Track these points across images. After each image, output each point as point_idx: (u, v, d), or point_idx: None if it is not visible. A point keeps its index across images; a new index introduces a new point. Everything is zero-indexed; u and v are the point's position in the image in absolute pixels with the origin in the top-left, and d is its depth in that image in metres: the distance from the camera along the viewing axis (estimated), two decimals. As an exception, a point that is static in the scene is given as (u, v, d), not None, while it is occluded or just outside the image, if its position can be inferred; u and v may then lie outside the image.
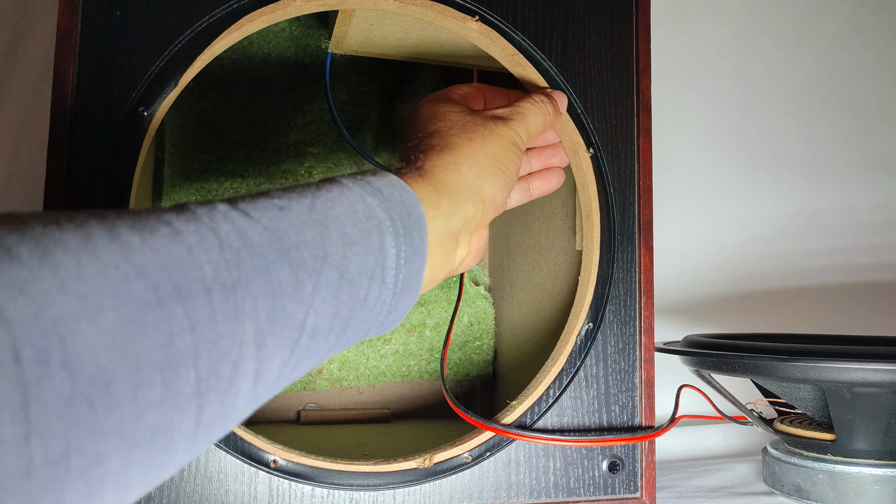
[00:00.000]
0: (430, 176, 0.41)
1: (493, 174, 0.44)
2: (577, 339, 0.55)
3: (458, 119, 0.46)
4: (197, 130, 0.73)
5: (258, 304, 0.29)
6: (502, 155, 0.45)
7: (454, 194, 0.41)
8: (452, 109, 0.47)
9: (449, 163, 0.43)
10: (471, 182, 0.43)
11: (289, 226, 0.31)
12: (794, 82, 1.03)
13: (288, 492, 0.48)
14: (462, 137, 0.45)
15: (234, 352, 0.27)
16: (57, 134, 0.47)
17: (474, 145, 0.44)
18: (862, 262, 1.02)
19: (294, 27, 0.75)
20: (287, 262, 0.30)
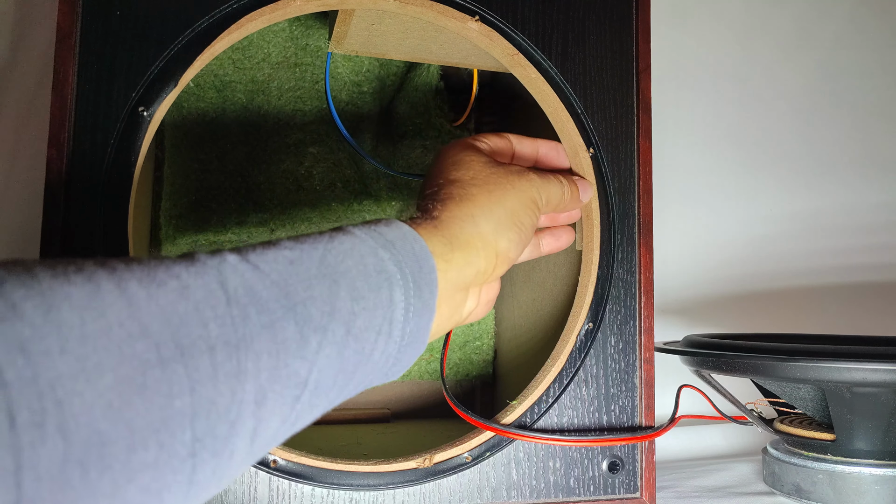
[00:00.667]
0: (445, 227, 0.41)
1: (509, 229, 0.44)
2: (577, 339, 0.55)
3: (482, 170, 0.46)
4: (197, 130, 0.73)
5: (261, 362, 0.28)
6: (521, 210, 0.45)
7: (468, 247, 0.41)
8: (478, 159, 0.47)
9: (466, 215, 0.42)
10: (486, 235, 0.42)
11: (298, 280, 0.31)
12: (794, 82, 1.03)
13: (288, 492, 0.48)
14: (483, 189, 0.44)
15: (232, 411, 0.27)
16: (57, 134, 0.47)
17: (493, 198, 0.44)
18: (862, 262, 1.02)
19: (294, 27, 0.75)
20: (293, 319, 0.30)
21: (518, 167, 0.48)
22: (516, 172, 0.47)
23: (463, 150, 0.48)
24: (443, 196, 0.44)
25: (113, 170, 0.47)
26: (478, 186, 0.44)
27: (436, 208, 0.42)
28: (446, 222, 0.41)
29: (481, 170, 0.46)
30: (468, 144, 0.49)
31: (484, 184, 0.45)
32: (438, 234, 0.40)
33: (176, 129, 0.73)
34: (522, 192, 0.46)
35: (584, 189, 0.53)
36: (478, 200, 0.43)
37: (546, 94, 0.56)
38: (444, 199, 0.43)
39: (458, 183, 0.45)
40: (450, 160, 0.47)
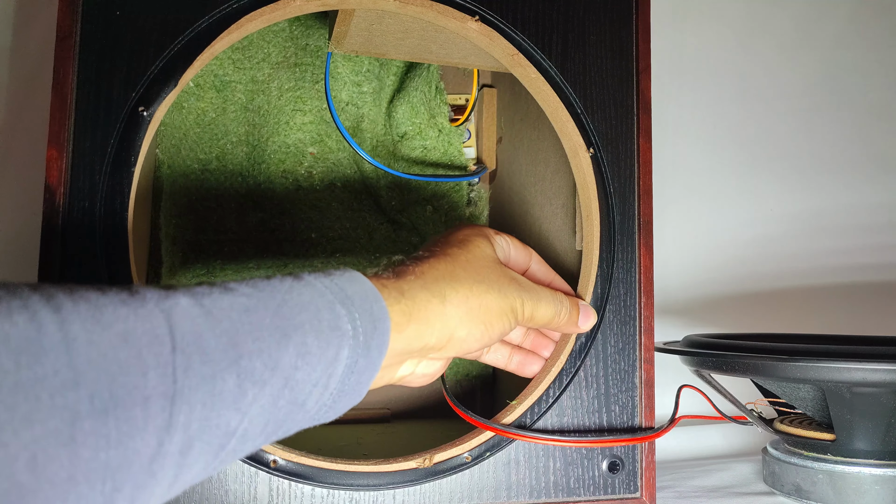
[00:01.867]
0: (410, 298, 0.40)
1: (474, 323, 0.43)
2: (577, 339, 0.55)
3: (481, 261, 0.45)
4: (197, 130, 0.73)
5: (194, 413, 0.28)
6: (495, 312, 0.44)
7: (425, 323, 0.40)
8: (484, 251, 0.46)
9: (437, 292, 0.41)
10: (448, 319, 0.41)
11: (249, 330, 0.30)
12: (794, 82, 1.03)
13: (288, 492, 0.48)
14: (470, 276, 0.43)
15: (156, 462, 0.27)
16: (57, 134, 0.47)
17: (475, 290, 0.43)
18: (862, 262, 1.02)
19: (294, 27, 0.75)
20: (236, 372, 0.29)
21: (515, 275, 0.47)
22: (509, 276, 0.46)
23: (477, 236, 0.47)
24: (427, 265, 0.42)
25: (113, 170, 0.47)
26: (467, 271, 0.43)
27: (413, 272, 0.41)
28: (413, 292, 0.40)
29: (480, 260, 0.45)
30: (486, 235, 0.48)
31: (476, 272, 0.44)
32: (400, 303, 0.39)
33: (176, 129, 0.73)
34: (505, 298, 0.44)
35: (585, 315, 0.52)
36: (459, 285, 0.42)
37: (546, 94, 0.56)
38: (426, 269, 0.42)
39: (452, 259, 0.44)
40: (459, 236, 0.47)
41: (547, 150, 0.69)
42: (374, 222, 0.77)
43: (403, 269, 0.42)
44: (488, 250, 0.47)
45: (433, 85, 0.77)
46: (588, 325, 0.52)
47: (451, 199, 0.78)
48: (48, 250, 0.46)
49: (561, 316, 0.49)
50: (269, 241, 0.74)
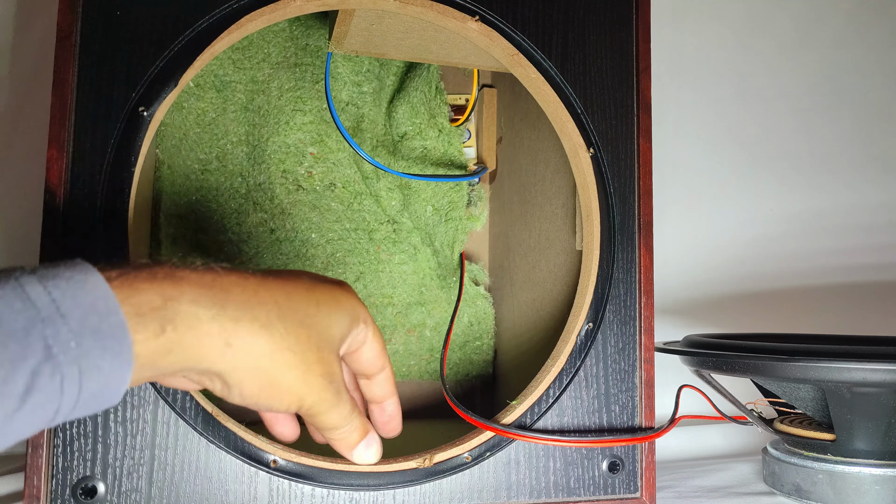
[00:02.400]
0: (184, 325, 0.33)
1: (250, 382, 0.36)
2: (577, 339, 0.55)
3: (317, 334, 0.38)
4: (197, 130, 0.73)
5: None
6: (281, 391, 0.37)
7: (190, 359, 0.34)
8: (333, 328, 0.39)
9: (227, 329, 0.34)
10: (224, 362, 0.35)
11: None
12: (794, 82, 1.03)
13: (288, 492, 0.48)
14: (288, 340, 0.37)
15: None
16: (57, 134, 0.47)
17: (277, 357, 0.36)
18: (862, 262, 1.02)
19: (294, 27, 0.75)
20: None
21: (334, 367, 0.40)
22: (326, 368, 0.39)
23: (343, 309, 0.40)
24: (248, 288, 0.36)
25: (113, 170, 0.47)
26: (289, 331, 0.37)
27: (217, 285, 0.35)
28: (192, 317, 0.33)
29: (317, 333, 0.38)
30: (353, 316, 0.41)
31: (296, 339, 0.37)
32: (159, 337, 0.32)
33: (176, 129, 0.73)
34: (303, 385, 0.38)
35: (365, 445, 0.44)
36: (264, 335, 0.36)
37: (546, 94, 0.56)
38: (240, 290, 0.36)
39: (284, 301, 0.37)
40: (327, 293, 0.40)
41: (547, 150, 0.69)
42: (374, 222, 0.77)
43: (210, 281, 0.35)
44: (338, 329, 0.40)
45: (433, 85, 0.77)
46: (357, 457, 0.44)
47: (451, 199, 0.78)
48: (48, 250, 0.46)
49: (340, 432, 0.42)
50: (269, 241, 0.74)
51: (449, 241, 0.78)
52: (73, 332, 0.30)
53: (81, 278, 0.31)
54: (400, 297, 0.78)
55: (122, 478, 0.46)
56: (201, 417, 0.47)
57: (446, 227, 0.78)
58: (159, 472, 0.46)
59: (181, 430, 0.47)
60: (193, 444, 0.47)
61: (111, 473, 0.46)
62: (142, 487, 0.46)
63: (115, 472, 0.46)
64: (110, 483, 0.46)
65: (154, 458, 0.46)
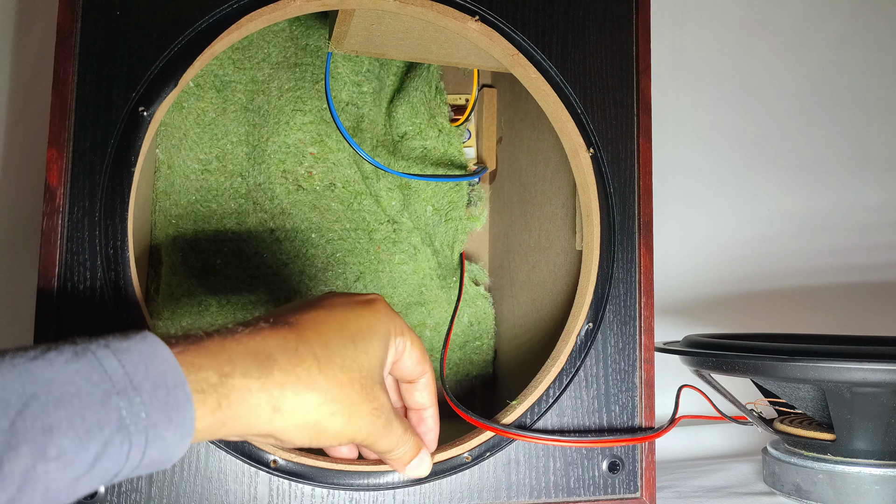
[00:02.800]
0: (237, 401, 0.35)
1: (300, 433, 0.38)
2: (577, 339, 0.55)
3: (356, 373, 0.40)
4: (197, 130, 0.73)
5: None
6: (330, 434, 0.39)
7: (244, 427, 0.36)
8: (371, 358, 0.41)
9: (275, 397, 0.36)
10: (273, 425, 0.36)
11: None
12: (794, 82, 1.03)
13: (288, 492, 0.48)
14: (330, 390, 0.38)
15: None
16: (57, 134, 0.47)
17: (323, 409, 0.38)
18: (862, 262, 1.02)
19: (294, 27, 0.75)
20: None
21: (381, 397, 0.41)
22: (372, 403, 0.40)
23: (376, 334, 0.42)
24: (286, 358, 0.37)
25: (113, 170, 0.47)
26: (329, 382, 0.38)
27: (260, 364, 0.36)
28: (242, 392, 0.35)
29: (356, 370, 0.40)
30: (387, 333, 0.43)
31: (338, 386, 0.38)
32: (215, 413, 0.34)
33: (176, 129, 0.73)
34: (351, 426, 0.39)
35: (418, 462, 0.45)
36: (308, 393, 0.37)
37: (546, 94, 0.56)
38: (280, 363, 0.37)
39: (319, 359, 0.38)
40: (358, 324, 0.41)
41: (547, 150, 0.69)
42: (374, 222, 0.77)
43: (255, 347, 0.37)
44: (377, 359, 0.41)
45: (433, 85, 0.77)
46: (410, 473, 0.46)
47: (451, 199, 0.78)
48: (48, 250, 0.46)
49: (395, 453, 0.44)
50: (269, 241, 0.74)
51: (449, 241, 0.78)
52: (144, 404, 0.31)
53: (152, 352, 0.33)
54: (400, 297, 0.78)
55: (122, 478, 0.46)
56: (201, 417, 0.47)
57: (446, 227, 0.78)
58: (159, 472, 0.46)
59: (181, 430, 0.47)
60: (193, 444, 0.47)
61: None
62: (142, 487, 0.46)
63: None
64: (110, 483, 0.46)
65: (154, 458, 0.46)
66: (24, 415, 0.29)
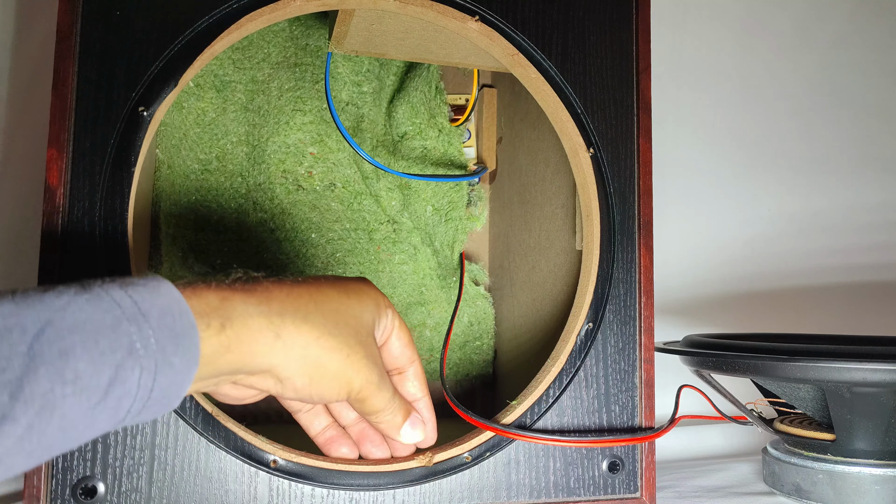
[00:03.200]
0: (240, 325, 0.36)
1: (300, 373, 0.39)
2: (577, 339, 0.55)
3: (351, 319, 0.41)
4: (197, 130, 0.73)
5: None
6: (330, 375, 0.40)
7: (246, 355, 0.37)
8: (363, 314, 0.42)
9: (275, 324, 0.38)
10: (274, 355, 0.38)
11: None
12: (794, 82, 1.03)
13: (288, 492, 0.48)
14: (327, 325, 0.40)
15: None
16: (57, 134, 0.47)
17: (321, 341, 0.39)
18: (862, 262, 1.02)
19: (294, 27, 0.75)
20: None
21: (374, 350, 0.43)
22: (366, 349, 0.42)
23: (369, 298, 0.44)
24: (283, 291, 0.39)
25: (113, 170, 0.47)
26: (325, 317, 0.40)
27: (259, 293, 0.38)
28: (245, 318, 0.37)
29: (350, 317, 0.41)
30: (379, 304, 0.44)
31: (334, 323, 0.40)
32: (220, 334, 0.36)
33: (176, 129, 0.73)
34: (349, 366, 0.41)
35: (411, 424, 0.47)
36: (305, 325, 0.39)
37: (546, 94, 0.56)
38: (279, 294, 0.39)
39: (317, 296, 0.40)
40: (352, 285, 0.43)
41: (547, 150, 0.69)
42: (374, 222, 0.77)
43: (253, 286, 0.39)
44: (369, 315, 0.43)
45: (433, 85, 0.77)
46: (409, 438, 0.47)
47: (451, 199, 0.78)
48: (48, 250, 0.46)
49: (387, 414, 0.45)
50: (269, 241, 0.74)
51: (449, 241, 0.78)
52: (153, 330, 0.33)
53: (156, 285, 0.35)
54: (400, 297, 0.78)
55: (122, 478, 0.46)
56: (201, 417, 0.47)
57: (446, 227, 0.78)
58: (159, 472, 0.46)
59: (181, 429, 0.47)
60: (193, 444, 0.47)
61: (111, 473, 0.46)
62: (142, 487, 0.46)
63: (115, 472, 0.46)
64: (110, 483, 0.46)
65: (154, 457, 0.46)
66: (41, 339, 0.30)
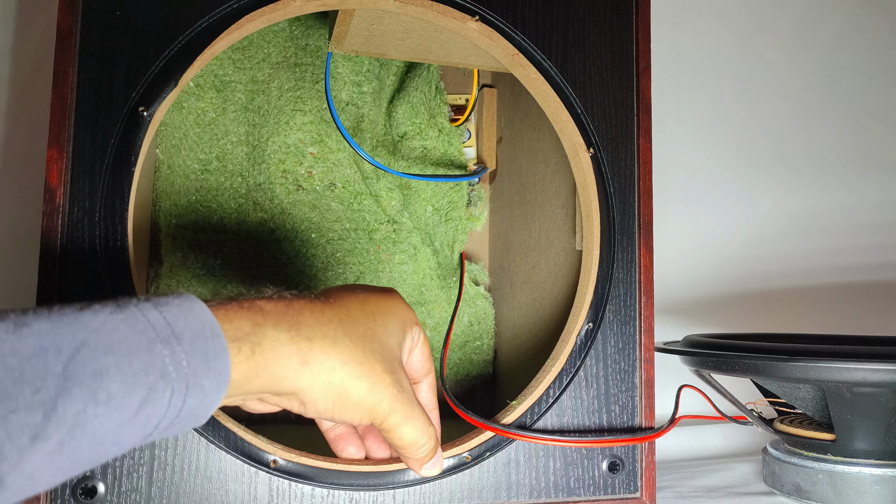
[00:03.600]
0: (269, 349, 0.36)
1: (324, 397, 0.38)
2: (577, 339, 0.55)
3: (379, 343, 0.41)
4: (197, 130, 0.73)
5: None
6: (353, 402, 0.39)
7: (273, 379, 0.37)
8: (391, 336, 0.42)
9: (303, 350, 0.37)
10: (300, 380, 0.37)
11: (29, 380, 0.29)
12: (794, 82, 1.03)
13: (288, 492, 0.48)
14: (355, 351, 0.39)
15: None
16: (57, 134, 0.47)
17: (347, 368, 0.39)
18: (862, 262, 1.02)
19: (294, 27, 0.75)
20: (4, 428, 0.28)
21: (403, 376, 0.42)
22: (395, 377, 0.41)
23: (397, 317, 0.44)
24: (313, 314, 0.39)
25: (113, 170, 0.47)
26: (354, 343, 0.39)
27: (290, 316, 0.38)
28: (273, 343, 0.36)
29: (378, 342, 0.41)
30: (406, 321, 0.44)
31: (361, 349, 0.40)
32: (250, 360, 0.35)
33: (176, 129, 0.73)
34: (374, 395, 0.40)
35: (433, 463, 0.45)
36: (334, 351, 0.38)
37: (546, 94, 0.56)
38: (308, 318, 0.38)
39: (346, 320, 0.40)
40: (381, 304, 0.43)
41: (547, 150, 0.69)
42: (374, 222, 0.77)
43: (284, 309, 0.38)
44: (395, 338, 0.43)
45: (433, 85, 0.77)
46: (426, 472, 0.45)
47: (451, 199, 0.78)
48: (48, 250, 0.46)
49: (418, 449, 0.43)
50: (268, 241, 0.74)
51: (449, 241, 0.78)
52: (185, 353, 0.33)
53: (189, 305, 0.34)
54: (400, 297, 0.78)
55: (122, 478, 0.46)
56: (201, 417, 0.47)
57: (446, 227, 0.78)
58: (159, 471, 0.46)
59: (181, 430, 0.47)
60: (193, 444, 0.47)
61: (111, 473, 0.46)
62: (142, 487, 0.46)
63: (115, 472, 0.46)
64: (110, 483, 0.46)
65: (154, 457, 0.46)
66: (76, 359, 0.30)
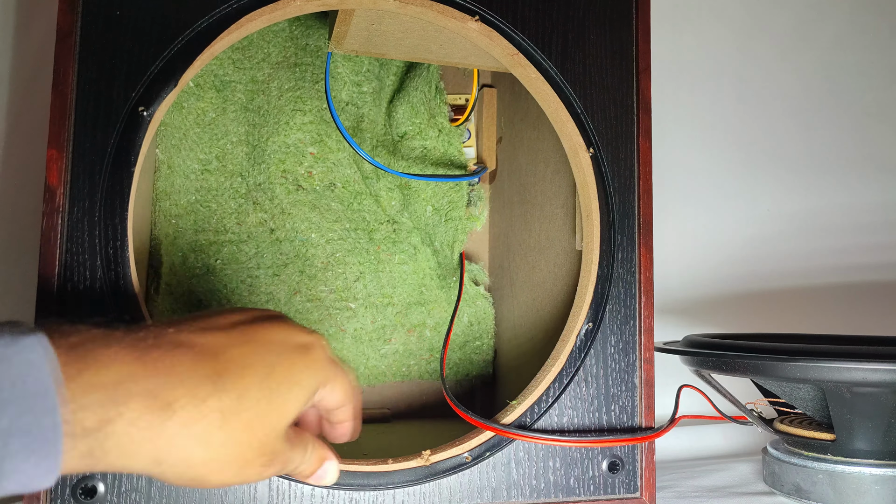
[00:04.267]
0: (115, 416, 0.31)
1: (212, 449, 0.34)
2: (577, 338, 0.55)
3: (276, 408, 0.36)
4: (197, 130, 0.73)
5: None
6: (226, 479, 0.35)
7: (124, 457, 0.32)
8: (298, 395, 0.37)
9: (161, 399, 0.32)
10: (171, 439, 0.32)
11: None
12: (794, 82, 1.03)
13: (288, 492, 0.48)
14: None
15: None
16: (57, 134, 0.47)
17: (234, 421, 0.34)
18: (862, 262, 1.02)
19: (294, 27, 0.75)
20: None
21: (278, 445, 0.37)
22: (271, 447, 0.36)
23: (309, 370, 0.38)
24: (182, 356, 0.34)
25: (113, 170, 0.47)
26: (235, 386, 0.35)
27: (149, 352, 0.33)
28: (120, 396, 0.31)
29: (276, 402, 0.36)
30: (324, 377, 0.39)
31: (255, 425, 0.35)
32: (86, 441, 0.30)
33: (176, 129, 0.73)
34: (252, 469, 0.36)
35: (320, 476, 0.42)
36: (219, 394, 0.34)
37: (546, 94, 0.56)
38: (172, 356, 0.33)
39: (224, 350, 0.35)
40: (294, 340, 0.38)
41: (547, 150, 0.69)
42: (374, 222, 0.77)
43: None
44: (291, 412, 0.37)
45: (433, 85, 0.77)
46: (315, 483, 0.43)
47: (451, 199, 0.78)
48: (48, 250, 0.46)
49: (292, 473, 0.41)
50: (268, 241, 0.74)
51: (449, 241, 0.78)
52: (4, 431, 0.28)
53: (33, 362, 0.29)
54: (400, 297, 0.78)
55: (122, 478, 0.46)
56: (201, 417, 0.47)
57: (446, 227, 0.78)
58: (159, 472, 0.46)
59: (181, 430, 0.47)
60: (193, 444, 0.47)
61: (111, 473, 0.46)
62: (142, 487, 0.46)
63: (115, 472, 0.46)
64: (110, 483, 0.46)
65: (154, 458, 0.46)
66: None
